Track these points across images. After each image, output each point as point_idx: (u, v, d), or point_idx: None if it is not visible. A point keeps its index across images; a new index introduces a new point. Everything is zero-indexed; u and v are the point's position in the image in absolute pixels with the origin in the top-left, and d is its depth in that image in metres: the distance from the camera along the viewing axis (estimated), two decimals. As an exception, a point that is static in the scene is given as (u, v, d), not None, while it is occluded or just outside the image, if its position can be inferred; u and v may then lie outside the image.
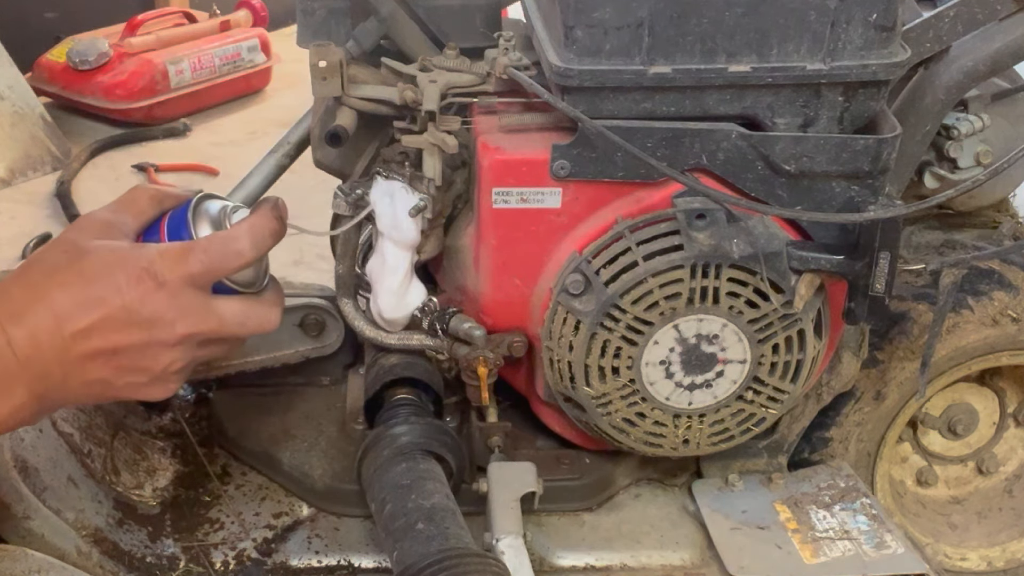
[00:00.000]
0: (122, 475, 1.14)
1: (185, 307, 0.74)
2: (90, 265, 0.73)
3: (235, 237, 0.76)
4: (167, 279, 0.73)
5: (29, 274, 0.73)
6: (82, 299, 0.72)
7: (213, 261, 0.75)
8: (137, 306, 0.72)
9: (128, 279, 0.72)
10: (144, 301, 0.73)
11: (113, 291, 0.72)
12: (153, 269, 0.73)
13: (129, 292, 0.72)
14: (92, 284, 0.72)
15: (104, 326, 0.72)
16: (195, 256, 0.74)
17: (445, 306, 1.06)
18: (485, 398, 1.10)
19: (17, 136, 2.85)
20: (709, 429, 1.06)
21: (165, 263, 0.73)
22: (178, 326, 0.74)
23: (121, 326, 0.72)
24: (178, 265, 0.74)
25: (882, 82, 0.94)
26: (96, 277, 0.72)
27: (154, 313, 0.73)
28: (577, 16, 0.90)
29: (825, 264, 0.96)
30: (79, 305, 0.72)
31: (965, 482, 1.42)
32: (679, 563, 1.12)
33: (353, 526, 1.16)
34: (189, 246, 0.75)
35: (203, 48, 3.26)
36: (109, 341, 0.73)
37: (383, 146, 1.12)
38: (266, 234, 0.78)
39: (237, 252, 0.76)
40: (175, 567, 1.10)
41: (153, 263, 0.73)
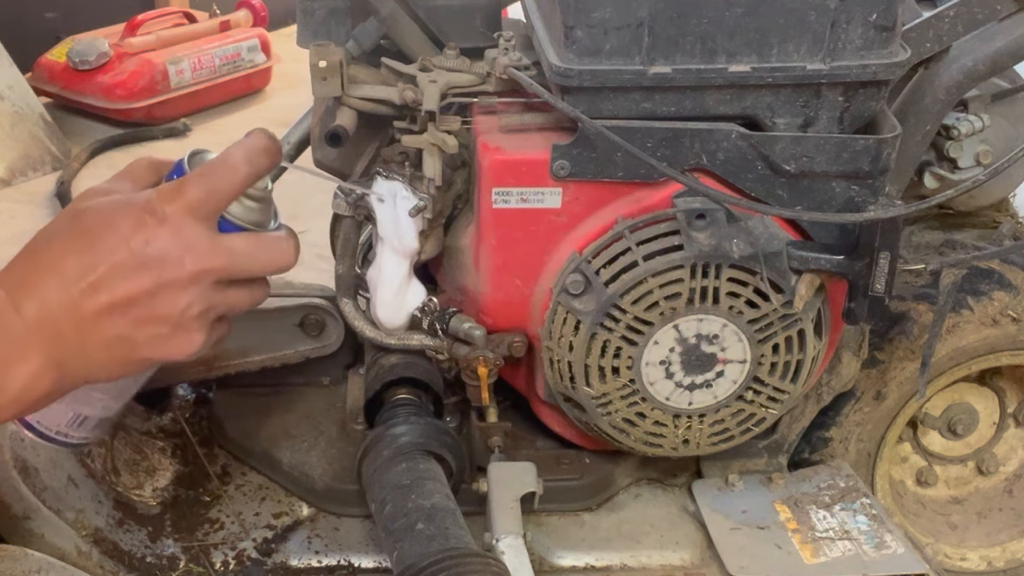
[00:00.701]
0: (122, 475, 1.14)
1: (191, 241, 0.71)
2: (88, 220, 0.71)
3: (228, 155, 0.74)
4: (167, 213, 0.71)
5: (31, 246, 0.72)
6: (85, 255, 0.70)
7: (210, 184, 0.72)
8: (142, 247, 0.70)
9: (128, 223, 0.70)
10: (148, 241, 0.70)
11: (116, 239, 0.70)
12: (151, 206, 0.71)
13: (132, 236, 0.70)
14: (93, 238, 0.70)
15: (111, 276, 0.70)
16: (191, 183, 0.72)
17: (445, 306, 1.06)
18: (485, 398, 1.10)
19: (17, 136, 2.85)
20: (709, 429, 1.06)
21: (163, 198, 0.71)
22: (187, 262, 0.71)
23: (129, 273, 0.70)
24: (176, 196, 0.71)
25: (882, 82, 0.94)
26: (96, 229, 0.70)
27: (160, 252, 0.70)
28: (577, 16, 0.90)
29: (825, 264, 0.96)
30: (83, 261, 0.70)
31: (965, 482, 1.42)
32: (679, 563, 1.12)
33: (353, 526, 1.16)
34: (184, 178, 0.73)
35: (203, 48, 3.26)
36: (120, 290, 0.70)
37: (383, 146, 1.12)
38: (259, 149, 0.75)
39: (232, 168, 0.73)
40: (175, 567, 1.10)
41: (151, 201, 0.71)
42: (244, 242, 0.74)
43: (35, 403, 0.72)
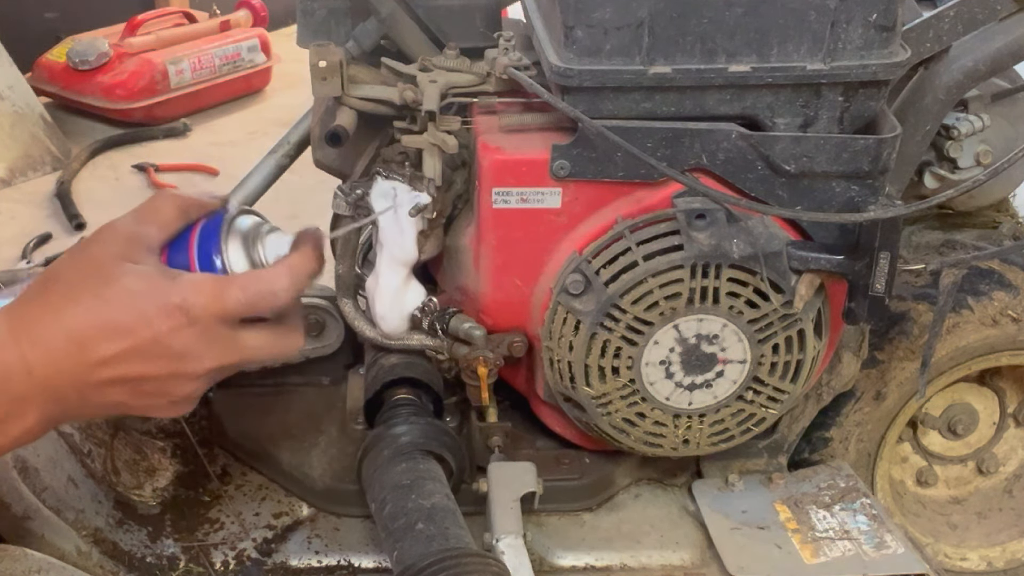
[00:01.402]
0: (122, 475, 1.14)
1: (214, 342, 0.72)
2: (118, 293, 0.70)
3: (274, 279, 0.74)
4: (199, 317, 0.71)
5: (50, 293, 0.71)
6: (108, 327, 0.69)
7: (249, 302, 0.73)
8: (166, 340, 0.70)
9: (159, 312, 0.70)
10: (174, 335, 0.70)
11: (142, 323, 0.70)
12: (186, 305, 0.70)
13: (159, 325, 0.70)
14: (119, 313, 0.69)
15: (130, 356, 0.70)
16: (231, 296, 0.72)
17: (445, 306, 1.06)
18: (485, 398, 1.10)
19: (17, 136, 2.85)
20: (709, 429, 1.06)
21: (199, 301, 0.71)
22: (206, 360, 0.73)
23: (148, 357, 0.70)
24: (212, 304, 0.71)
25: (882, 82, 0.94)
26: (124, 306, 0.70)
27: (183, 348, 0.71)
28: (577, 16, 0.90)
29: (825, 264, 0.96)
30: (104, 333, 0.69)
31: (965, 482, 1.42)
32: (679, 563, 1.12)
33: (353, 526, 1.16)
34: (225, 284, 0.73)
35: (203, 48, 3.26)
36: (133, 370, 0.71)
37: (383, 146, 1.12)
38: (305, 275, 0.76)
39: (273, 294, 0.74)
40: (175, 567, 1.10)
41: (187, 300, 0.71)
42: (261, 340, 0.76)
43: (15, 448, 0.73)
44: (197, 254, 0.76)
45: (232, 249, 0.77)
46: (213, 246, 0.76)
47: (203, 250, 0.76)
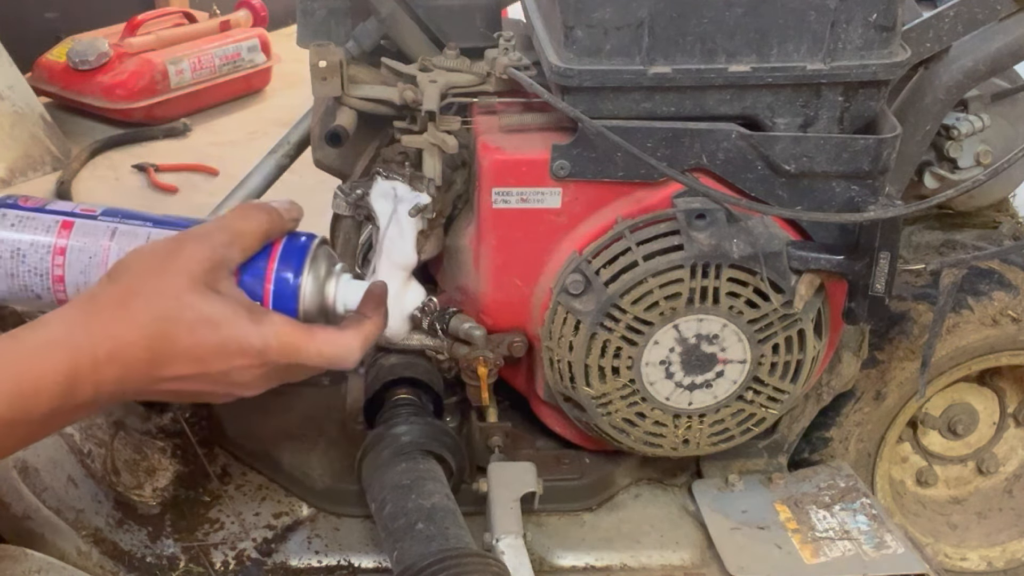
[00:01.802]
0: (122, 475, 1.14)
1: (273, 378, 0.76)
2: (203, 323, 0.71)
3: (349, 348, 0.76)
4: (273, 362, 0.73)
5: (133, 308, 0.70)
6: (185, 353, 0.71)
7: (323, 363, 0.76)
8: (234, 374, 0.73)
9: (238, 350, 0.72)
10: (243, 372, 0.73)
11: (219, 356, 0.71)
12: (265, 352, 0.73)
13: (234, 361, 0.72)
14: (201, 343, 0.71)
15: (197, 380, 0.72)
16: (307, 353, 0.74)
17: (445, 306, 1.06)
18: (485, 398, 1.10)
19: (17, 136, 2.85)
20: (709, 429, 1.06)
21: (280, 351, 0.73)
22: (259, 388, 0.76)
23: (212, 383, 0.73)
24: (289, 354, 0.74)
25: (882, 82, 0.94)
26: (207, 337, 0.71)
27: (247, 381, 0.74)
28: (577, 16, 0.90)
29: (825, 264, 0.96)
30: (180, 358, 0.71)
31: (965, 482, 1.42)
32: (679, 563, 1.12)
33: (353, 526, 1.16)
34: (306, 340, 0.74)
35: (203, 48, 3.26)
36: (193, 387, 0.73)
37: (383, 146, 1.12)
38: (372, 341, 0.78)
39: (344, 361, 0.76)
40: (175, 567, 1.10)
41: (268, 346, 0.72)
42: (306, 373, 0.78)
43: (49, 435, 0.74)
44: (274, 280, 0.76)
45: (309, 281, 0.77)
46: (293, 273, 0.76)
47: (280, 277, 0.76)
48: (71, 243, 0.79)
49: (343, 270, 0.81)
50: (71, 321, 0.70)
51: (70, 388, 0.67)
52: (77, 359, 0.67)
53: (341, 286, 0.80)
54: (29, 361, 0.66)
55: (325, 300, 0.79)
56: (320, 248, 0.79)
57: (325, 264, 0.79)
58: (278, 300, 0.76)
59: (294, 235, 0.79)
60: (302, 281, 0.76)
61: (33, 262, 0.79)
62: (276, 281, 0.76)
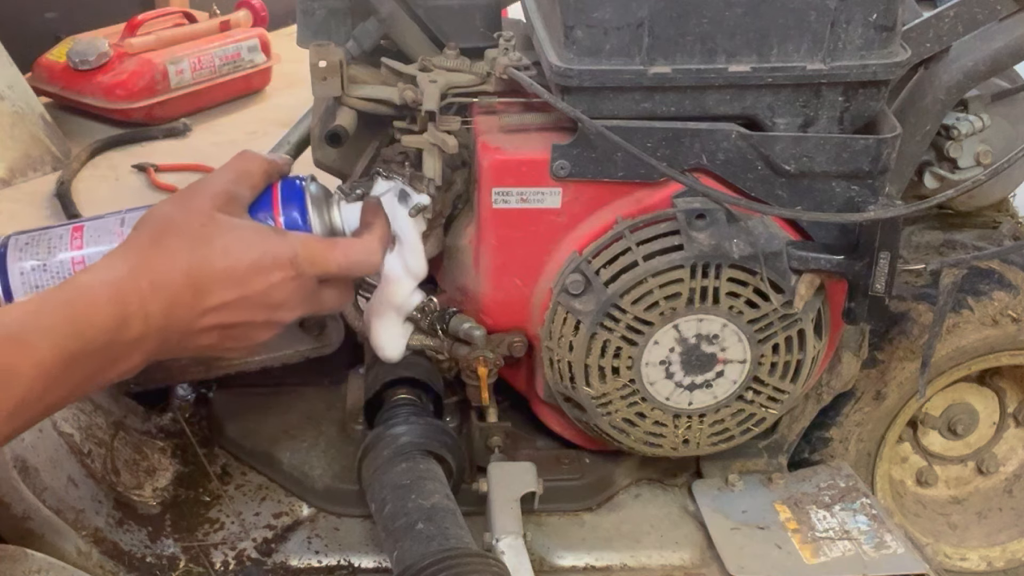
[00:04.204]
0: (122, 475, 1.14)
1: (307, 296, 0.79)
2: (236, 243, 0.75)
3: (371, 249, 0.82)
4: (304, 272, 0.77)
5: (167, 242, 0.74)
6: (226, 275, 0.74)
7: (350, 267, 0.81)
8: (273, 292, 0.76)
9: (273, 264, 0.76)
10: (280, 287, 0.76)
11: (257, 273, 0.75)
12: (296, 261, 0.77)
13: (271, 276, 0.76)
14: (238, 263, 0.74)
15: (239, 304, 0.75)
16: (334, 259, 0.79)
17: (445, 306, 1.06)
18: (485, 398, 1.10)
19: (17, 136, 2.84)
20: (709, 429, 1.06)
21: (308, 257, 0.77)
22: (296, 311, 0.79)
23: (252, 306, 0.76)
24: (318, 262, 0.78)
25: (882, 82, 0.94)
26: (242, 256, 0.75)
27: (283, 298, 0.77)
28: (577, 16, 0.90)
29: (825, 264, 0.96)
30: (222, 282, 0.74)
31: (965, 482, 1.42)
32: (679, 563, 1.12)
33: (353, 526, 1.16)
34: (331, 247, 0.80)
35: (203, 48, 3.25)
36: (237, 316, 0.76)
37: (383, 146, 1.12)
38: (387, 243, 0.85)
39: (369, 263, 0.82)
40: (175, 567, 1.10)
41: (298, 255, 0.77)
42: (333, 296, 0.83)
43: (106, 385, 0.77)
44: (283, 214, 0.82)
45: (313, 212, 0.83)
46: (297, 208, 0.82)
47: (287, 211, 0.82)
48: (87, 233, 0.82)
49: (339, 197, 0.88)
50: (111, 262, 0.73)
51: (121, 319, 0.70)
52: (124, 291, 0.71)
53: (344, 211, 0.86)
54: (79, 294, 0.70)
55: (332, 225, 0.85)
56: (313, 182, 0.86)
57: (321, 195, 0.85)
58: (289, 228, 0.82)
59: (288, 178, 0.86)
60: (308, 213, 0.83)
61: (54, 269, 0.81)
62: (285, 217, 0.82)
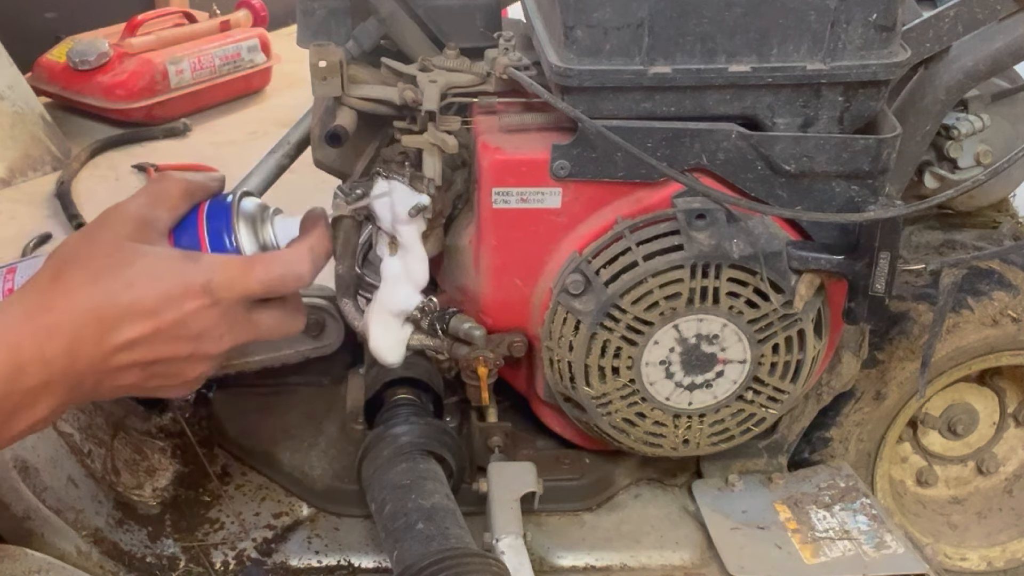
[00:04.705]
0: (122, 475, 1.14)
1: (233, 322, 0.73)
2: (141, 274, 0.69)
3: (297, 261, 0.75)
4: (222, 298, 0.71)
5: (65, 277, 0.69)
6: (132, 310, 0.68)
7: (272, 283, 0.73)
8: (190, 321, 0.70)
9: (184, 293, 0.70)
10: (197, 316, 0.70)
11: (167, 304, 0.69)
12: (211, 286, 0.71)
13: (184, 306, 0.70)
14: (144, 294, 0.69)
15: (151, 339, 0.70)
16: (255, 276, 0.73)
17: (445, 306, 1.06)
18: (485, 398, 1.10)
19: (17, 136, 2.85)
20: (709, 429, 1.06)
21: (224, 281, 0.71)
22: (224, 340, 0.73)
23: (169, 339, 0.70)
24: (237, 285, 0.72)
25: (882, 82, 0.94)
26: (148, 288, 0.69)
27: (204, 328, 0.71)
28: (577, 16, 0.90)
29: (825, 264, 0.96)
30: (128, 316, 0.68)
31: (965, 482, 1.42)
32: (679, 563, 1.12)
33: (353, 526, 1.16)
34: (249, 264, 0.73)
35: (203, 48, 3.25)
36: (153, 353, 0.70)
37: (383, 146, 1.12)
38: (324, 256, 0.77)
39: (297, 276, 0.75)
40: (175, 567, 1.10)
41: (212, 280, 0.71)
42: (273, 320, 0.77)
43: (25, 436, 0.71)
44: (208, 235, 0.76)
45: (243, 229, 0.77)
46: (224, 227, 0.76)
47: (213, 231, 0.76)
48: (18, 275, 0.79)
49: (275, 211, 0.81)
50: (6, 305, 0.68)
51: (15, 367, 0.65)
52: (16, 336, 0.66)
53: (277, 225, 0.80)
54: None
55: (264, 244, 0.79)
56: (246, 198, 0.80)
57: (256, 212, 0.80)
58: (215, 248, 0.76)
59: (216, 197, 0.80)
60: (235, 230, 0.77)
61: None
62: (210, 236, 0.76)
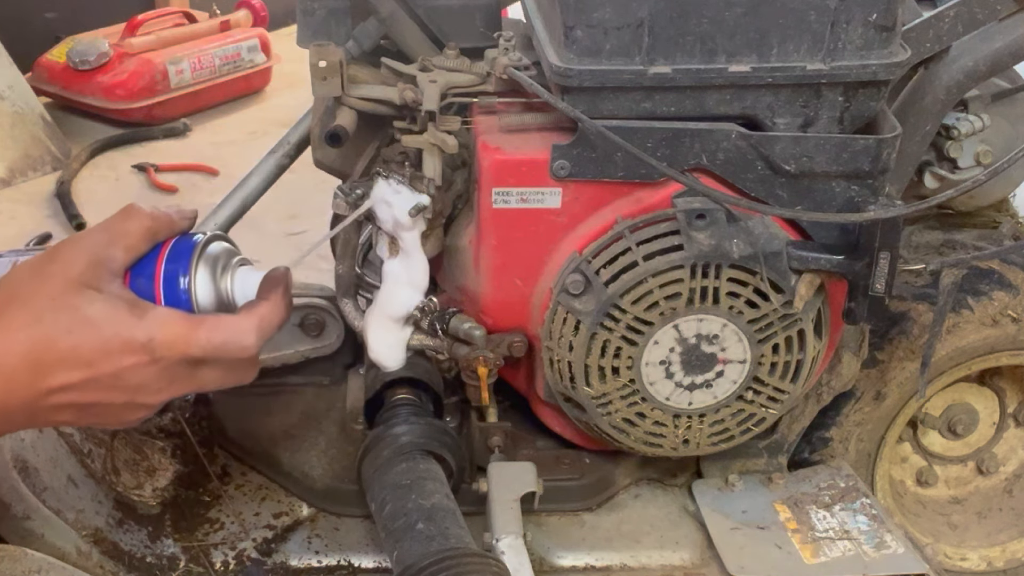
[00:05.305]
0: (122, 475, 1.14)
1: (174, 378, 0.72)
2: (81, 323, 0.68)
3: (242, 331, 0.72)
4: (163, 356, 0.70)
5: (9, 315, 0.68)
6: (67, 357, 0.68)
7: (214, 350, 0.72)
8: (126, 375, 0.70)
9: (122, 348, 0.69)
10: (134, 372, 0.70)
11: (104, 357, 0.69)
12: (151, 345, 0.70)
13: (121, 361, 0.69)
14: (82, 344, 0.68)
15: (86, 386, 0.69)
16: (197, 341, 0.71)
17: (445, 306, 1.06)
18: (485, 398, 1.10)
19: (17, 136, 2.85)
20: (709, 429, 1.06)
21: (165, 341, 0.70)
22: (161, 394, 0.72)
23: (103, 389, 0.70)
24: (178, 345, 0.70)
25: (882, 82, 0.94)
26: (86, 338, 0.68)
27: (141, 382, 0.71)
28: (577, 16, 0.90)
29: (825, 264, 0.96)
30: (63, 363, 0.68)
31: (965, 482, 1.42)
32: (679, 563, 1.12)
33: (353, 526, 1.16)
34: (192, 327, 0.71)
35: (203, 48, 3.26)
36: (87, 398, 0.70)
37: (383, 146, 1.12)
38: (272, 328, 0.74)
39: (240, 347, 0.72)
40: (175, 567, 1.10)
41: (153, 339, 0.70)
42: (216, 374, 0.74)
43: None
44: (163, 279, 0.74)
45: (201, 276, 0.75)
46: (181, 271, 0.74)
47: (169, 275, 0.74)
48: None
49: (240, 263, 0.78)
50: None
51: None
52: None
53: (237, 278, 0.77)
54: None
55: (221, 294, 0.76)
56: (213, 243, 0.77)
57: (220, 258, 0.77)
58: (170, 299, 0.74)
59: (186, 234, 0.76)
60: (191, 276, 0.74)
61: None
62: (165, 279, 0.73)
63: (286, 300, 0.76)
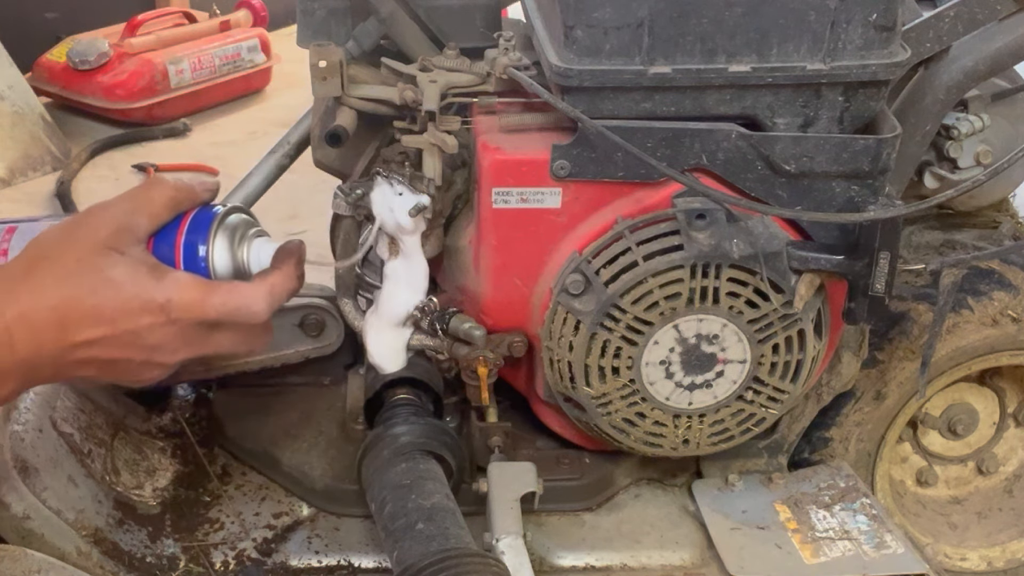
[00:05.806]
0: (122, 475, 1.14)
1: (189, 339, 0.77)
2: (104, 283, 0.73)
3: (254, 298, 0.77)
4: (179, 318, 0.75)
5: (37, 271, 0.73)
6: (92, 314, 0.73)
7: (228, 314, 0.77)
8: (144, 334, 0.74)
9: (142, 308, 0.74)
10: (152, 331, 0.75)
11: (124, 315, 0.73)
12: (168, 306, 0.74)
13: (140, 320, 0.74)
14: (105, 303, 0.73)
15: (108, 343, 0.74)
16: (211, 304, 0.76)
17: (445, 306, 1.06)
18: (485, 398, 1.10)
19: (17, 136, 2.85)
20: (709, 429, 1.06)
21: (182, 303, 0.75)
22: (178, 354, 0.77)
23: (124, 346, 0.74)
24: (194, 309, 0.75)
25: (882, 82, 0.94)
26: (109, 297, 0.73)
27: (158, 342, 0.75)
28: (577, 16, 0.90)
29: (825, 264, 0.96)
30: (88, 319, 0.73)
31: (965, 482, 1.42)
32: (679, 563, 1.12)
33: (353, 526, 1.16)
34: (207, 291, 0.76)
35: (203, 48, 3.26)
36: (108, 354, 0.75)
37: (383, 146, 1.12)
38: (284, 295, 0.79)
39: (251, 312, 0.77)
40: (175, 567, 1.10)
41: (170, 300, 0.74)
42: (231, 338, 0.79)
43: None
44: (183, 247, 0.78)
45: (218, 246, 0.79)
46: (200, 241, 0.78)
47: (188, 244, 0.78)
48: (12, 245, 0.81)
49: (257, 234, 0.82)
50: None
51: None
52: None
53: (253, 248, 0.81)
54: None
55: (237, 263, 0.80)
56: (232, 214, 0.81)
57: (238, 229, 0.81)
58: (189, 266, 0.78)
59: (207, 206, 0.81)
60: (210, 246, 0.78)
61: None
62: (185, 247, 0.78)
63: (298, 271, 0.81)
